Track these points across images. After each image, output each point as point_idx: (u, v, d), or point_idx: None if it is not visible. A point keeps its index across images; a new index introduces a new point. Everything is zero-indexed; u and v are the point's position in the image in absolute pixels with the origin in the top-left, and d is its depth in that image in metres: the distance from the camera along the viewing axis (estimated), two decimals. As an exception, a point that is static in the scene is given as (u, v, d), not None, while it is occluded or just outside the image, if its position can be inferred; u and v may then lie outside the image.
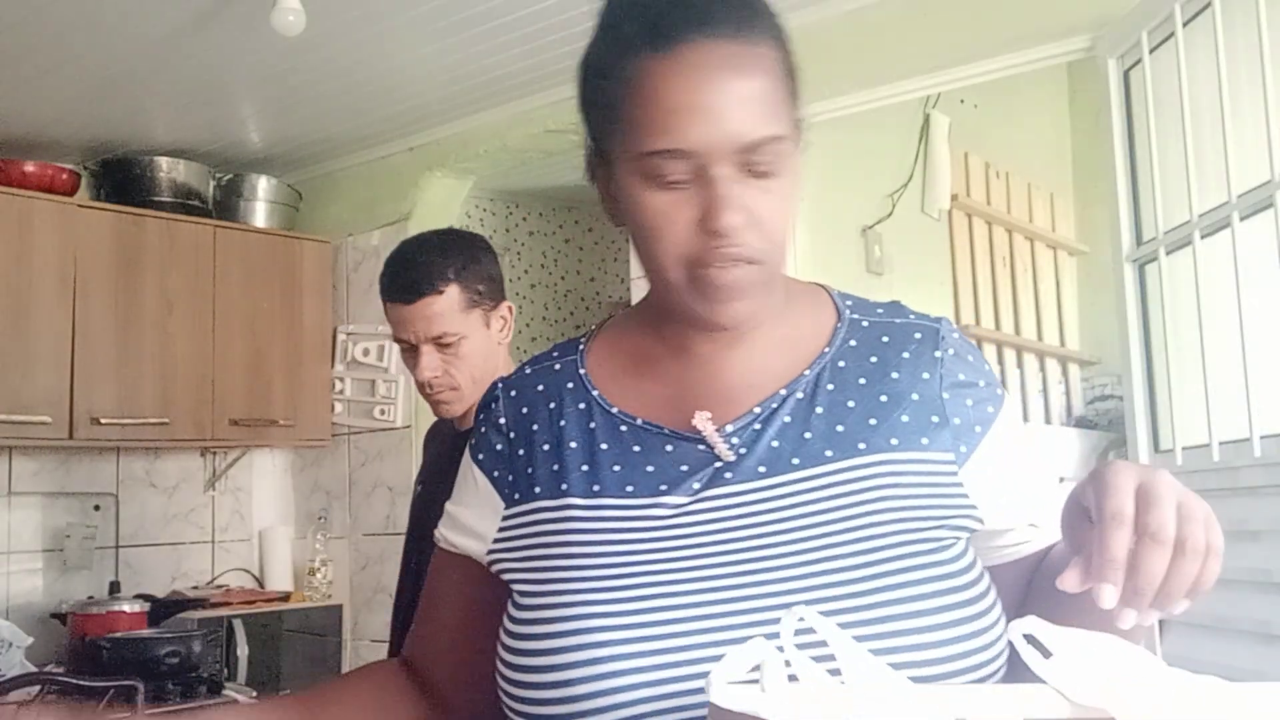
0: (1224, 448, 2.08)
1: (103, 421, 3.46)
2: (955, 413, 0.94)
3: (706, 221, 0.86)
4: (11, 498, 3.64)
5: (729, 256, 0.87)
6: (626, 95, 0.87)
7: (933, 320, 1.00)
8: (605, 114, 0.90)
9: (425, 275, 1.89)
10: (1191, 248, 2.17)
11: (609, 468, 0.93)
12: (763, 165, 0.86)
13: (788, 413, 0.93)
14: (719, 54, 0.85)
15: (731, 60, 0.85)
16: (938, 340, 0.97)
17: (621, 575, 0.87)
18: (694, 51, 0.84)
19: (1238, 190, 2.03)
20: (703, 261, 0.87)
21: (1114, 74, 2.42)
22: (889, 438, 0.92)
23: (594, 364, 1.01)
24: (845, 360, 0.96)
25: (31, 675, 2.66)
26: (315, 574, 3.98)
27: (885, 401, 0.93)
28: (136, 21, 2.87)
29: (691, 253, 0.88)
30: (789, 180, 0.89)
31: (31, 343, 3.37)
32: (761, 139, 0.85)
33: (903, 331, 0.98)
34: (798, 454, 0.91)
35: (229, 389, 3.76)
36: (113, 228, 3.57)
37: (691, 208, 0.87)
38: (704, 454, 0.92)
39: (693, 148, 0.84)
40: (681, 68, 0.84)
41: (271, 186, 4.04)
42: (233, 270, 3.81)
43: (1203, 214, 2.14)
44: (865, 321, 1.00)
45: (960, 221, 3.82)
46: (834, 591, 0.85)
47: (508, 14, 2.91)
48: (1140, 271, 2.39)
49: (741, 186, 0.86)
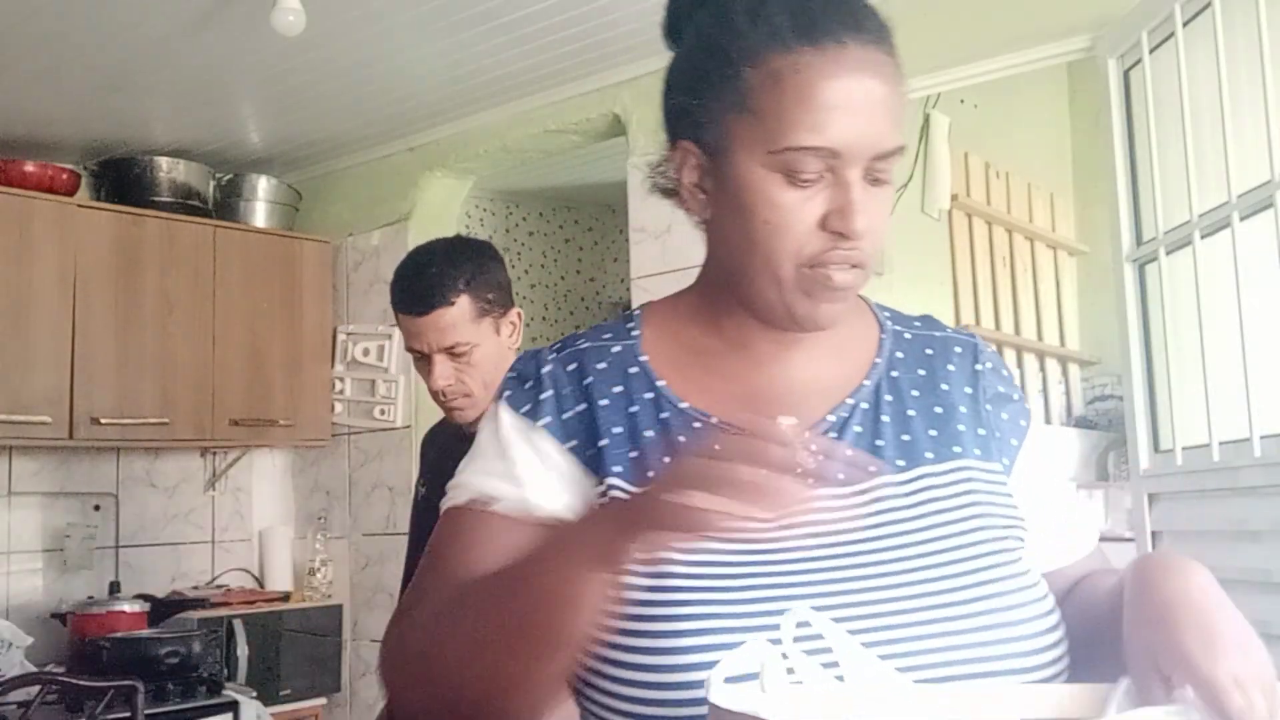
0: (1224, 448, 2.08)
1: (103, 421, 3.46)
2: (995, 426, 0.98)
3: (835, 222, 0.86)
4: (11, 498, 3.64)
5: (848, 259, 0.88)
6: (771, 87, 0.86)
7: (967, 335, 1.04)
8: (733, 103, 0.88)
9: (436, 287, 1.91)
10: (1191, 248, 2.17)
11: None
12: (883, 173, 0.88)
13: (857, 421, 0.94)
14: (869, 58, 0.86)
15: (879, 66, 0.87)
16: (977, 354, 1.01)
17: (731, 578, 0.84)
18: (847, 52, 0.85)
19: (1238, 190, 2.03)
20: (820, 261, 0.88)
21: (1114, 74, 2.42)
22: (951, 446, 0.94)
23: (650, 352, 0.98)
24: (896, 370, 0.99)
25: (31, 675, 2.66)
26: (315, 574, 3.98)
27: (940, 413, 0.96)
28: (136, 21, 2.87)
29: (812, 251, 0.87)
30: (891, 191, 0.91)
31: (31, 343, 3.37)
32: (894, 148, 0.87)
33: (943, 345, 1.02)
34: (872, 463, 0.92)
35: (229, 389, 3.76)
36: (113, 228, 3.57)
37: (818, 206, 0.87)
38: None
39: (837, 147, 0.85)
40: (836, 67, 0.85)
41: (271, 186, 4.04)
42: (233, 270, 3.81)
43: (1203, 214, 2.14)
44: (907, 334, 1.02)
45: (960, 221, 3.81)
46: (936, 600, 0.85)
47: (508, 14, 2.91)
48: (1140, 271, 2.39)
49: (864, 191, 0.87)
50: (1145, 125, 2.33)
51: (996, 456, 0.96)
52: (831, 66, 0.85)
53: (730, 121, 0.88)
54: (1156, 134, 2.29)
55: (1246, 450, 2.00)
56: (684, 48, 0.95)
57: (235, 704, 3.16)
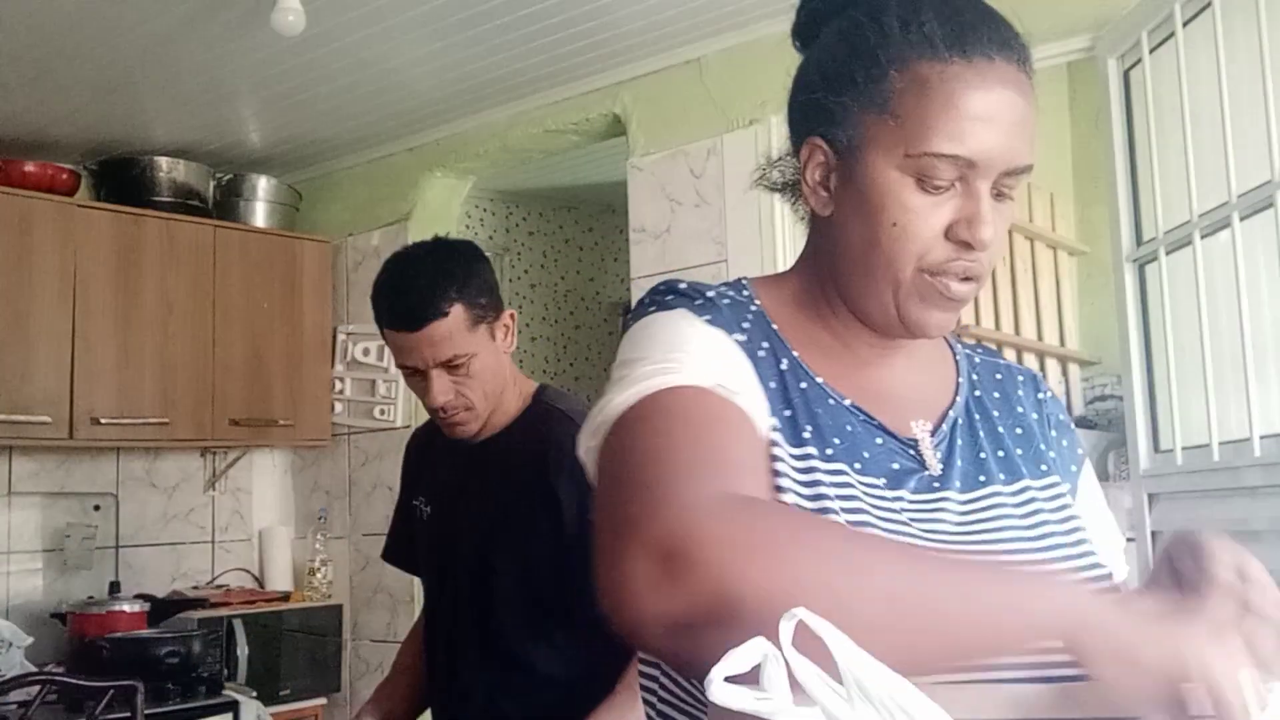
0: (1224, 448, 2.08)
1: (103, 421, 3.46)
2: (1059, 452, 1.02)
3: (964, 231, 0.88)
4: (11, 498, 3.64)
5: (969, 270, 0.89)
6: (916, 92, 0.87)
7: (1023, 368, 1.09)
8: (874, 104, 0.89)
9: (427, 299, 1.76)
10: (1191, 248, 2.17)
11: (831, 438, 0.90)
12: (1009, 190, 0.90)
13: (959, 434, 0.97)
14: (1014, 77, 0.88)
15: (1022, 86, 0.88)
16: (1038, 384, 1.06)
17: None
18: (995, 69, 0.87)
19: (1238, 190, 2.03)
20: (941, 269, 0.89)
21: (1114, 74, 2.42)
22: (1039, 464, 0.98)
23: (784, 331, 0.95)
24: (978, 390, 1.02)
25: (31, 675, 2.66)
26: (315, 574, 3.98)
27: (1021, 434, 1.00)
28: (136, 21, 2.87)
29: (936, 258, 0.89)
30: (1014, 208, 0.92)
31: (31, 343, 3.37)
32: (1026, 165, 0.89)
33: (1009, 373, 1.06)
34: (981, 473, 0.95)
35: (229, 389, 3.76)
36: (113, 228, 3.57)
37: (946, 214, 0.88)
38: (913, 458, 0.93)
39: (975, 157, 0.86)
40: (983, 81, 0.86)
41: (271, 186, 4.04)
42: (233, 270, 3.81)
43: (1203, 214, 2.14)
44: (976, 357, 1.06)
45: (960, 221, 3.81)
46: None
47: (508, 14, 2.91)
48: (1140, 271, 2.39)
49: (990, 205, 0.89)
50: (1145, 125, 2.33)
51: (1069, 479, 1.01)
52: (978, 79, 0.86)
53: (869, 122, 0.89)
54: (1156, 134, 2.29)
55: (1246, 450, 2.00)
56: (824, 46, 0.96)
57: (235, 704, 3.16)
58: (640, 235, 3.23)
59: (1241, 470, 2.02)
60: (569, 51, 3.16)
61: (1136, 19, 2.32)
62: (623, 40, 3.10)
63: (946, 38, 0.87)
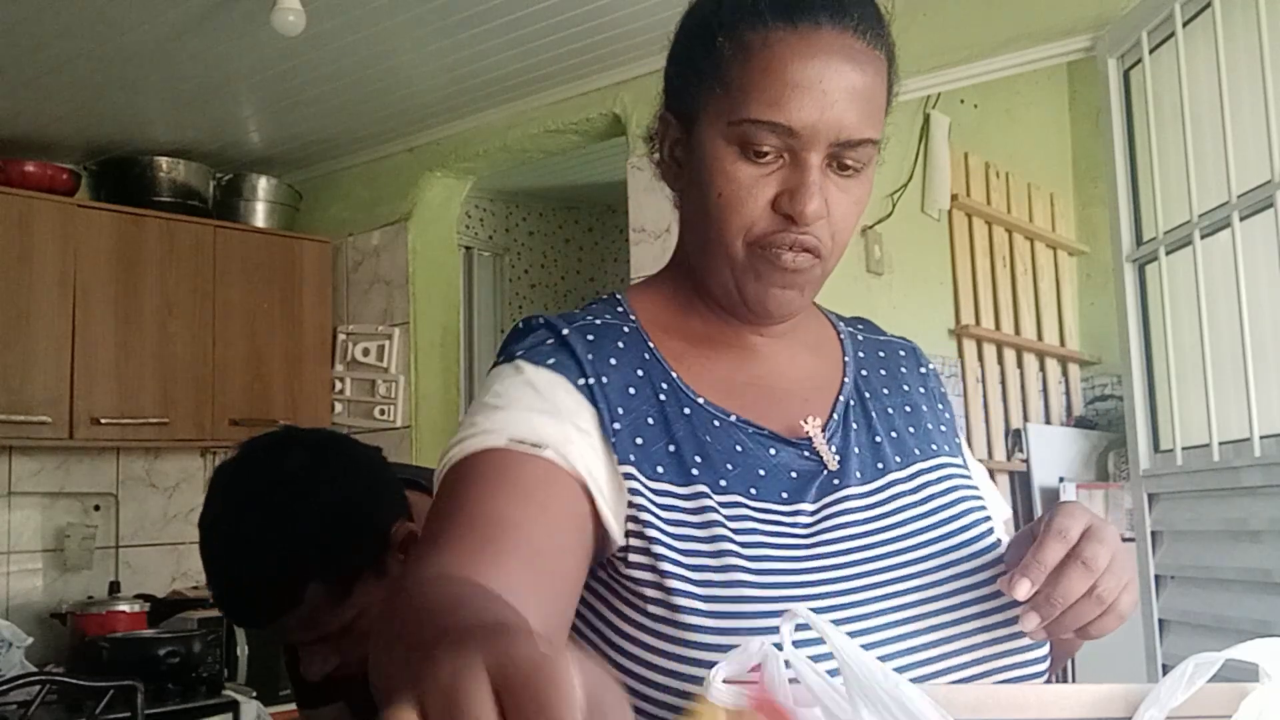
0: (1224, 448, 2.08)
1: (103, 421, 3.46)
2: (946, 425, 1.01)
3: (787, 203, 0.85)
4: (11, 498, 3.64)
5: (798, 243, 0.86)
6: (741, 59, 0.85)
7: (903, 339, 1.07)
8: (706, 73, 0.87)
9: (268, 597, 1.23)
10: (1192, 248, 2.17)
11: (724, 465, 0.87)
12: (851, 164, 0.86)
13: (853, 419, 0.95)
14: (844, 44, 0.84)
15: (855, 54, 0.85)
16: (919, 357, 1.05)
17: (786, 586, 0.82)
18: (821, 35, 0.84)
19: (1238, 190, 2.03)
20: (771, 242, 0.86)
21: (1114, 74, 2.42)
22: (929, 443, 0.97)
23: (655, 338, 0.93)
24: (865, 370, 1.00)
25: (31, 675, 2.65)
26: (315, 574, 3.97)
27: (910, 411, 0.99)
28: (136, 21, 2.87)
29: (761, 230, 0.86)
30: (866, 186, 0.89)
31: (31, 343, 3.37)
32: (860, 138, 0.85)
33: (890, 348, 1.04)
34: (878, 459, 0.93)
35: (229, 389, 3.76)
36: (113, 228, 3.57)
37: (771, 186, 0.86)
38: (809, 460, 0.90)
39: (795, 126, 0.83)
40: (807, 47, 0.83)
41: (271, 186, 4.04)
42: (233, 270, 3.81)
43: (1203, 214, 2.14)
44: (859, 335, 1.04)
45: (960, 221, 3.81)
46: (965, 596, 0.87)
47: (508, 14, 2.91)
48: (1140, 271, 2.39)
49: (825, 179, 0.86)
50: (1145, 125, 2.33)
51: (955, 451, 1.00)
52: (801, 45, 0.83)
53: (702, 92, 0.88)
54: (1156, 134, 2.29)
55: (1246, 450, 2.00)
56: (678, 24, 0.95)
57: (235, 704, 3.16)
58: (640, 235, 3.23)
59: (1241, 470, 2.02)
60: (569, 51, 3.16)
61: (1136, 19, 2.32)
62: (623, 40, 3.10)
63: (773, 4, 0.85)
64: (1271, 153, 1.93)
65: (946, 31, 2.69)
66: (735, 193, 0.86)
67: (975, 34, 2.66)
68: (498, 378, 0.88)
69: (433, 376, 3.92)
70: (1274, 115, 1.93)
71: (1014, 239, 4.10)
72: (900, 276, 3.39)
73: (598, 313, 0.94)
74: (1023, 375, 4.02)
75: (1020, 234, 4.13)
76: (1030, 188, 4.20)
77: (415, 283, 3.90)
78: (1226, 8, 2.07)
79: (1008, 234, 4.07)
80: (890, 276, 3.35)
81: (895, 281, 3.36)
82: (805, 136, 0.84)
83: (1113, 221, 2.44)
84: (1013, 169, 4.10)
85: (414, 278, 3.90)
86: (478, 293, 4.76)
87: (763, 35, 0.84)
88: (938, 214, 3.66)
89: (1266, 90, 1.95)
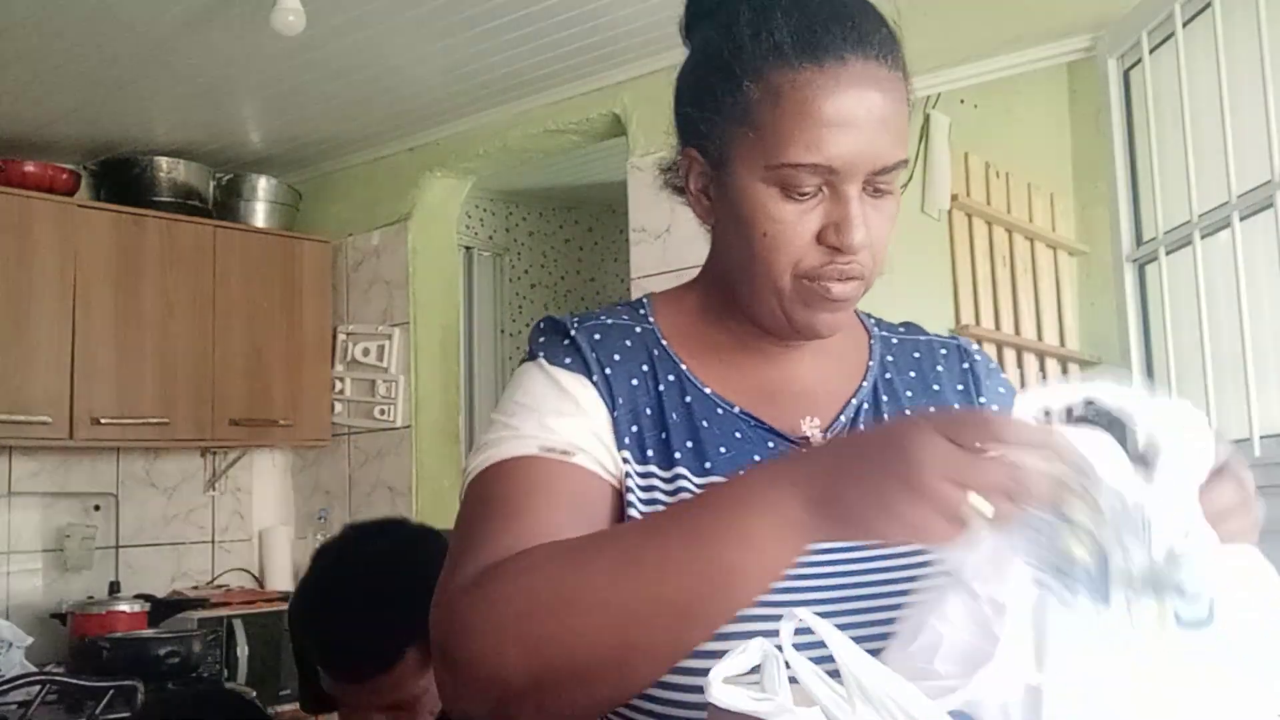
0: (1224, 448, 2.08)
1: (103, 421, 3.46)
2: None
3: (833, 236, 0.87)
4: (11, 498, 3.64)
5: (846, 273, 0.88)
6: (771, 103, 0.86)
7: (952, 338, 1.06)
8: (734, 117, 0.88)
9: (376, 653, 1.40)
10: (1192, 248, 2.17)
11: (716, 449, 0.91)
12: (885, 186, 0.88)
13: (862, 422, 0.96)
14: (870, 74, 0.85)
15: (880, 82, 0.86)
16: (963, 355, 1.04)
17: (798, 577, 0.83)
18: (848, 69, 0.85)
19: (1238, 190, 2.03)
20: (819, 274, 0.88)
21: (1114, 74, 2.42)
22: None
23: (670, 338, 0.97)
24: (889, 373, 1.01)
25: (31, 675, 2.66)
26: (315, 574, 3.97)
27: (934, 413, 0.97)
28: (136, 21, 2.87)
29: (809, 265, 0.88)
30: (896, 201, 0.91)
31: (31, 343, 3.37)
32: (895, 162, 0.87)
33: (929, 348, 1.04)
34: None
35: (229, 389, 3.76)
36: (113, 228, 3.57)
37: (815, 220, 0.87)
38: None
39: (834, 164, 0.85)
40: (836, 84, 0.84)
41: (271, 186, 4.04)
42: (233, 270, 3.81)
43: (1203, 214, 2.14)
44: (894, 339, 1.05)
45: (960, 221, 3.81)
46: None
47: (508, 14, 2.91)
48: (1140, 271, 2.39)
49: (863, 205, 0.87)
50: (1145, 125, 2.34)
51: None
52: (830, 83, 0.84)
53: (732, 135, 0.89)
54: (1156, 134, 2.30)
55: (1247, 450, 2.00)
56: (691, 56, 0.96)
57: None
58: (640, 235, 3.23)
59: (1241, 470, 2.02)
60: (569, 51, 3.16)
61: (1136, 19, 2.32)
62: (623, 40, 3.10)
63: (796, 44, 0.85)
64: (1271, 153, 1.93)
65: (946, 31, 2.69)
66: (781, 232, 0.87)
67: (975, 34, 2.66)
68: (524, 374, 0.94)
69: (433, 376, 3.92)
70: (1274, 115, 1.93)
71: (1014, 239, 4.10)
72: (900, 276, 3.38)
73: (615, 314, 0.98)
74: (1023, 375, 4.01)
75: (1020, 234, 4.13)
76: (1030, 188, 4.20)
77: (415, 283, 3.90)
78: (1226, 8, 2.07)
79: (1008, 234, 4.07)
80: (890, 276, 3.33)
81: (895, 281, 3.35)
82: (844, 172, 0.85)
83: (1113, 221, 2.44)
84: (1013, 169, 4.10)
85: (414, 278, 3.90)
86: (478, 293, 4.76)
87: (791, 77, 0.85)
88: (938, 214, 3.66)
89: (1266, 90, 1.95)
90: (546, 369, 0.92)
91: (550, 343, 0.94)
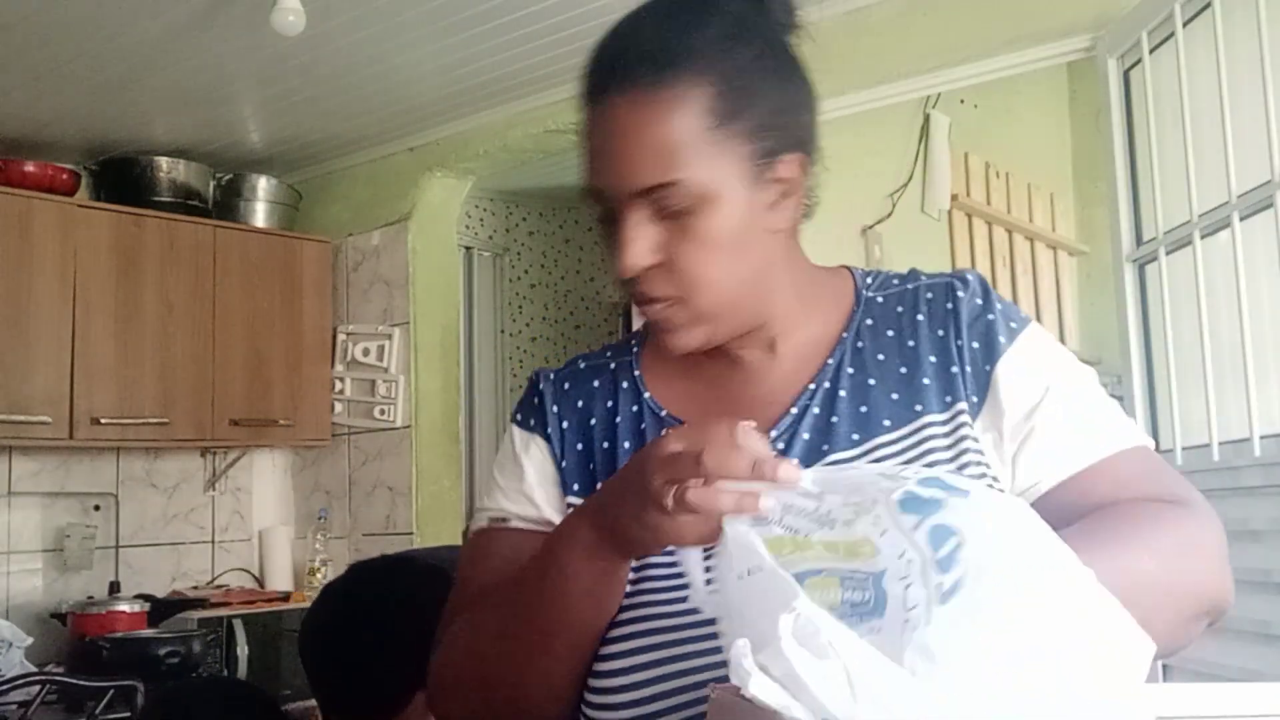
0: (1224, 448, 2.08)
1: (103, 421, 3.46)
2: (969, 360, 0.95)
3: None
4: (11, 498, 3.64)
5: (647, 295, 0.92)
6: (580, 138, 0.95)
7: (946, 276, 1.02)
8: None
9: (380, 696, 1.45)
10: (1192, 248, 2.17)
11: None
12: (673, 206, 0.88)
13: (816, 404, 0.96)
14: (630, 105, 0.89)
15: (641, 108, 0.89)
16: (950, 291, 0.99)
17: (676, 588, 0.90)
18: (611, 106, 0.90)
19: (1238, 190, 2.03)
20: (636, 299, 0.93)
21: (1114, 74, 2.42)
22: (913, 406, 0.95)
23: (649, 365, 1.03)
24: (863, 340, 0.99)
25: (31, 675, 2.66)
26: (315, 574, 3.98)
27: (905, 373, 0.96)
28: (136, 21, 2.87)
29: (628, 290, 0.93)
30: (713, 220, 0.89)
31: (31, 343, 3.37)
32: (658, 183, 0.88)
33: (914, 297, 1.01)
34: (826, 442, 0.94)
35: (229, 389, 3.76)
36: (113, 228, 3.57)
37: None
38: None
39: (601, 187, 0.91)
40: (601, 119, 0.91)
41: (271, 186, 4.04)
42: (233, 270, 3.81)
43: (1203, 214, 2.14)
44: (880, 297, 1.02)
45: (960, 221, 3.81)
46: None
47: (508, 14, 2.91)
48: (1140, 271, 2.39)
49: (656, 227, 0.89)
50: (1145, 125, 2.34)
51: (967, 395, 0.94)
52: (599, 119, 0.91)
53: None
54: (1156, 134, 2.29)
55: (1246, 450, 2.00)
56: None
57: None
58: (640, 235, 3.23)
59: (1241, 470, 2.02)
60: (569, 51, 3.16)
61: (1136, 19, 2.32)
62: (623, 40, 3.10)
63: (588, 83, 0.93)
64: (1271, 153, 1.93)
65: (946, 31, 2.69)
66: (610, 258, 0.93)
67: (975, 34, 2.66)
68: (502, 447, 1.07)
69: (433, 376, 3.92)
70: (1274, 115, 1.93)
71: (1014, 239, 4.10)
72: (900, 276, 3.39)
73: (599, 355, 1.07)
74: (1023, 375, 4.01)
75: (1020, 234, 4.13)
76: (1030, 188, 4.21)
77: (415, 283, 3.90)
78: (1226, 8, 2.07)
79: (1008, 234, 4.07)
80: (890, 276, 3.35)
81: (895, 281, 3.36)
82: (610, 195, 0.91)
83: (1113, 221, 2.44)
84: (1012, 169, 4.10)
85: (414, 278, 3.90)
86: (478, 293, 4.76)
87: (586, 113, 0.93)
88: (938, 214, 3.66)
89: (1266, 90, 1.95)
90: (511, 430, 1.05)
91: (523, 401, 1.06)
